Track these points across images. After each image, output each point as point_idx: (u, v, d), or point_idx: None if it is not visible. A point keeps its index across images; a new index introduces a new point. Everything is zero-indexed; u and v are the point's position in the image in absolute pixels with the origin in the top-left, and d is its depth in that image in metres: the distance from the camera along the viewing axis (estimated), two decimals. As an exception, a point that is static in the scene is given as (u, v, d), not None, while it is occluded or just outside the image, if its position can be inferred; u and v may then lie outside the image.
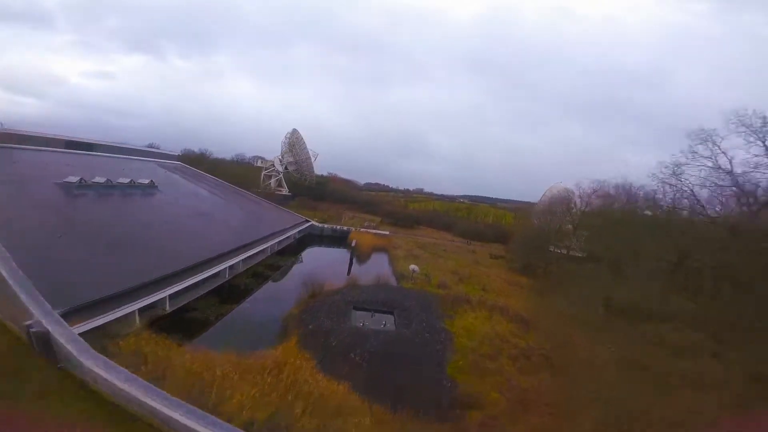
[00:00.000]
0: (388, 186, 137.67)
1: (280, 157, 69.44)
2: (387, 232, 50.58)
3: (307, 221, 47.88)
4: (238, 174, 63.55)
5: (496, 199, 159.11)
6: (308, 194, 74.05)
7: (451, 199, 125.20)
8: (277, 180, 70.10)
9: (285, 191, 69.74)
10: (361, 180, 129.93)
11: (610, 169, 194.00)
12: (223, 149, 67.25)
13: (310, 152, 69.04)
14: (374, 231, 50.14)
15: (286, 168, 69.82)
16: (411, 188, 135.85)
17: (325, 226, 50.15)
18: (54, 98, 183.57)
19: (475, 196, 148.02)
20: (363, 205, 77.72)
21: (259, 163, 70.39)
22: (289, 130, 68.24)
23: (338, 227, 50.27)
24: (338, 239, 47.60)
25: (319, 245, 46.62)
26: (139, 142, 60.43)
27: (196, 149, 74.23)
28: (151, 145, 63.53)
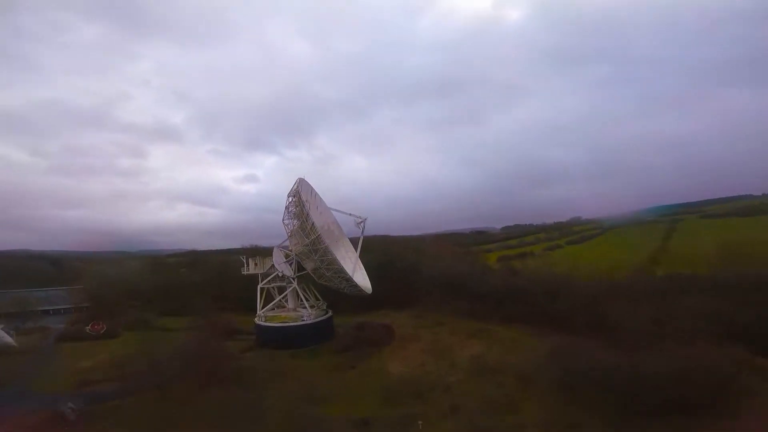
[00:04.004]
0: (531, 224, 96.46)
1: (285, 248, 32.98)
2: None
3: None
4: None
5: (687, 204, 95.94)
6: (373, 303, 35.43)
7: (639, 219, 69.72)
8: (293, 291, 33.14)
9: (307, 314, 31.88)
10: (497, 225, 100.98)
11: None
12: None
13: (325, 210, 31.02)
14: None
15: (298, 267, 32.61)
16: (563, 219, 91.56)
17: None
18: (225, 206, 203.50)
19: (651, 208, 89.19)
20: (495, 296, 34.50)
21: (252, 269, 34.41)
22: (293, 185, 31.43)
23: None
24: None
25: None
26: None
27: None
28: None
